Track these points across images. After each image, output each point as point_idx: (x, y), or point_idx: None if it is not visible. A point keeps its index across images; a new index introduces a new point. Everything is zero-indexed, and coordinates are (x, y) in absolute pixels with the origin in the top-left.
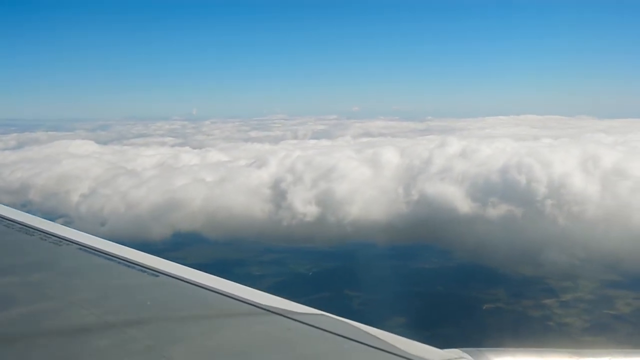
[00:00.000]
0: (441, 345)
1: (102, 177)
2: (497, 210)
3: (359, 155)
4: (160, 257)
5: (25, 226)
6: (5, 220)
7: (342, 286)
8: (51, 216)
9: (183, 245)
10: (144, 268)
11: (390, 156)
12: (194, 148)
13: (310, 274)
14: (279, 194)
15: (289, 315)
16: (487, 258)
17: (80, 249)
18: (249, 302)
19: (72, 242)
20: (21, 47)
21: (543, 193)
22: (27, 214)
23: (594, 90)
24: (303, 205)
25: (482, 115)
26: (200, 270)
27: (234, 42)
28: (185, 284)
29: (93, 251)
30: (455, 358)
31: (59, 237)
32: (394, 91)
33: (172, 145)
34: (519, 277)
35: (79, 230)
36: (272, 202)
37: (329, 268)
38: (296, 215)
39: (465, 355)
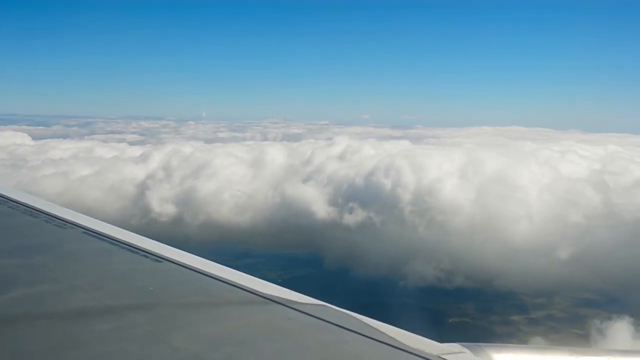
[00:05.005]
0: None
1: None
2: (354, 217)
3: (247, 155)
4: None
5: (30, 208)
6: (10, 201)
7: (310, 293)
8: None
9: None
10: (147, 253)
11: (276, 156)
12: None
13: (280, 280)
14: (141, 191)
15: (290, 305)
16: (358, 267)
17: (85, 232)
18: (251, 290)
19: (76, 225)
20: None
21: (407, 199)
22: (32, 196)
23: (593, 104)
24: (160, 204)
25: (471, 125)
26: None
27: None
28: (188, 270)
29: (97, 235)
30: (456, 352)
31: (64, 220)
32: (402, 102)
33: (134, 143)
34: (490, 292)
35: None
36: (130, 200)
37: (299, 275)
38: (149, 214)
39: (465, 349)
